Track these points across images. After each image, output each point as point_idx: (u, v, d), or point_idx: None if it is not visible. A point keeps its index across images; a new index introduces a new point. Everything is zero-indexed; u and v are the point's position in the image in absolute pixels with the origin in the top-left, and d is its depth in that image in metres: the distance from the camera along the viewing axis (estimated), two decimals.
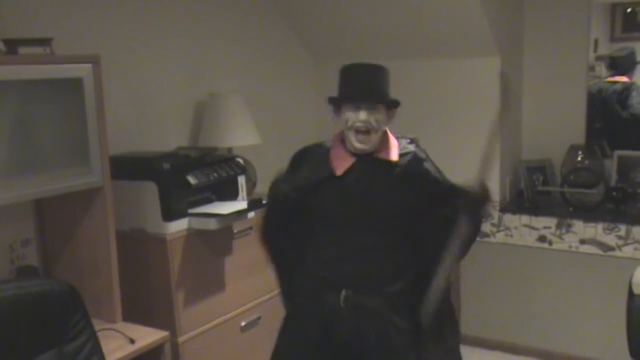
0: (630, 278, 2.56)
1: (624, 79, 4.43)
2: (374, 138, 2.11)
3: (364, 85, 2.09)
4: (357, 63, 2.14)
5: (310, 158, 2.26)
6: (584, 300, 3.73)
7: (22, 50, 2.26)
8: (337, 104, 2.15)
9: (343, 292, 2.12)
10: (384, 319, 2.14)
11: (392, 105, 2.15)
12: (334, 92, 2.16)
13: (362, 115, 2.06)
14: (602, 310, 3.62)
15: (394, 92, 2.17)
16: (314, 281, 2.21)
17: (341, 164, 2.15)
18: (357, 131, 2.09)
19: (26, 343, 1.87)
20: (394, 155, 2.16)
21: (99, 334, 2.06)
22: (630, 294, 2.55)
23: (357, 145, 2.10)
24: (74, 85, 2.33)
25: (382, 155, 2.15)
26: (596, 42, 4.49)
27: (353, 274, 2.14)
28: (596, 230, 3.65)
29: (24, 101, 2.22)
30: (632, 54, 4.49)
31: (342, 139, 2.19)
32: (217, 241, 2.89)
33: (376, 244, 2.14)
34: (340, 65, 2.17)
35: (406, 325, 2.16)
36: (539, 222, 3.79)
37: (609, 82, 4.43)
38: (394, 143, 2.19)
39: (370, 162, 2.15)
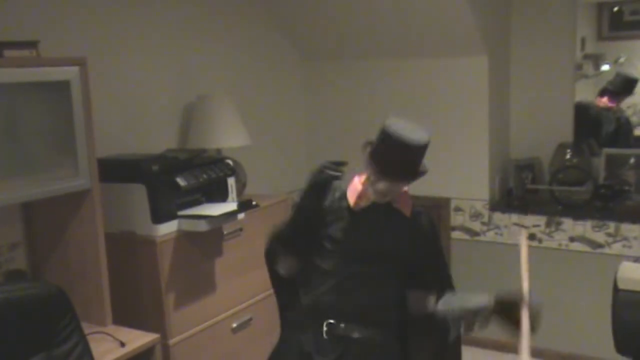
0: (616, 273, 2.57)
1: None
2: (393, 196, 2.15)
3: (407, 169, 2.05)
4: (406, 140, 1.99)
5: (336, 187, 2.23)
6: (573, 298, 3.74)
7: (8, 53, 2.25)
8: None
9: (326, 323, 2.12)
10: (373, 353, 2.14)
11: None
12: (325, 92, 2.12)
13: (395, 188, 2.10)
14: (592, 307, 3.63)
15: (385, 92, 2.15)
16: (300, 312, 2.20)
17: (358, 202, 2.15)
18: None
19: (15, 347, 1.87)
20: (408, 211, 2.20)
21: (89, 337, 2.06)
22: (615, 288, 2.56)
23: (377, 200, 2.12)
24: (62, 87, 2.32)
25: (398, 206, 2.19)
26: (583, 40, 4.50)
27: (341, 305, 2.13)
28: (585, 227, 3.67)
29: (11, 104, 2.21)
30: (630, 82, 4.36)
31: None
32: (207, 243, 2.88)
33: (369, 278, 2.14)
34: (328, 65, 2.15)
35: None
36: (529, 220, 3.80)
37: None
38: (409, 200, 2.23)
39: (386, 208, 2.17)
